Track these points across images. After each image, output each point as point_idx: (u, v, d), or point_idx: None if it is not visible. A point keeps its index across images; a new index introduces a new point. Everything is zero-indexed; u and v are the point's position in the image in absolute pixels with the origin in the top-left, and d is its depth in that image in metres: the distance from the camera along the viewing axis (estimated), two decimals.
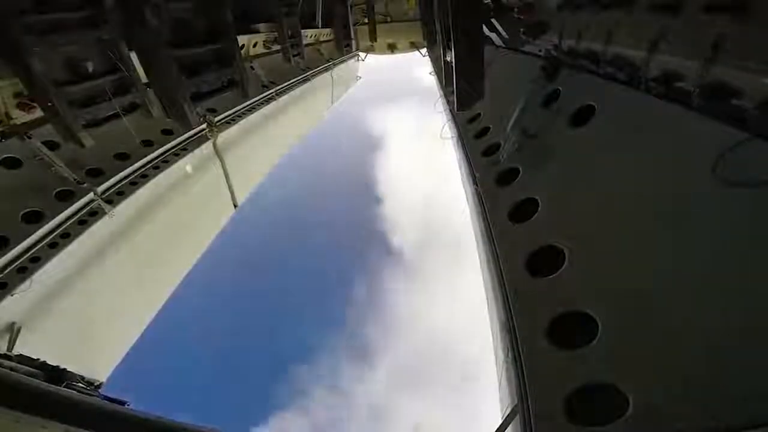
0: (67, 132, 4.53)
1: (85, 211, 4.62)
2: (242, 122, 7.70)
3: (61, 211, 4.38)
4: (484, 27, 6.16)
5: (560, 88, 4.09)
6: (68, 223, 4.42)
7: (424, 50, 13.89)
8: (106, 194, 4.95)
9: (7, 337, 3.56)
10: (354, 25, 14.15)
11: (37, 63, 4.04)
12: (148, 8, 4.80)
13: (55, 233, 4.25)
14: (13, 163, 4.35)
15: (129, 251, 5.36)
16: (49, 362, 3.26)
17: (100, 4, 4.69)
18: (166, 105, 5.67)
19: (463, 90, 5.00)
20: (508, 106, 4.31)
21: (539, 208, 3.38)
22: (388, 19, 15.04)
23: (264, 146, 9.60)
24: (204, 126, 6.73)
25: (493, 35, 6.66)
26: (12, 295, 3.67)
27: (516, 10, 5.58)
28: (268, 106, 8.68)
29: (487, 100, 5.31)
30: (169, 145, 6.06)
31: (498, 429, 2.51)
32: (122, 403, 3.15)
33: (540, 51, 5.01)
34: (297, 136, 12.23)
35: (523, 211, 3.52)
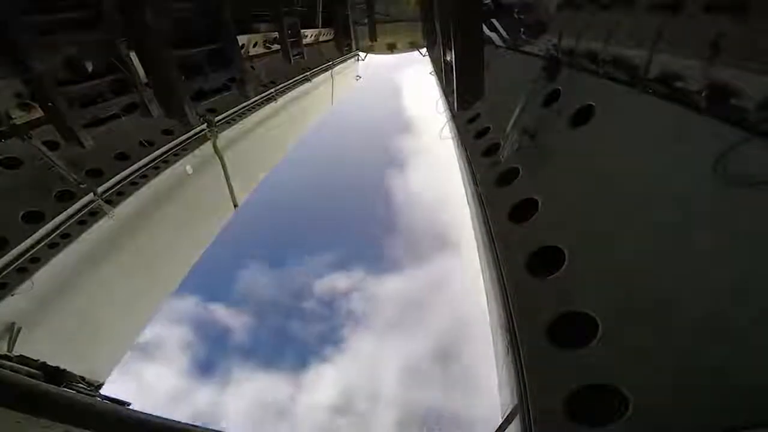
0: (67, 132, 4.53)
1: (85, 211, 4.62)
2: (242, 122, 7.70)
3: (61, 212, 4.38)
4: (484, 27, 6.16)
5: (560, 88, 4.09)
6: (68, 224, 4.42)
7: (424, 50, 13.89)
8: (106, 194, 4.95)
9: (7, 338, 3.56)
10: (354, 25, 14.14)
11: (37, 63, 4.04)
12: (148, 8, 4.80)
13: (55, 233, 4.25)
14: (13, 163, 4.35)
15: (129, 251, 5.36)
16: (49, 363, 3.26)
17: (100, 4, 4.69)
18: (166, 105, 5.68)
19: (463, 90, 5.00)
20: (508, 106, 4.31)
21: (539, 208, 3.38)
22: (388, 19, 15.03)
23: (264, 146, 9.60)
24: (204, 126, 6.73)
25: (493, 35, 6.65)
26: (12, 295, 3.67)
27: (516, 10, 5.58)
28: (268, 106, 8.68)
29: (487, 100, 5.31)
30: (169, 145, 6.06)
31: (498, 429, 2.51)
32: (123, 403, 3.15)
33: (540, 51, 5.01)
34: (297, 135, 12.23)
35: (523, 211, 3.52)
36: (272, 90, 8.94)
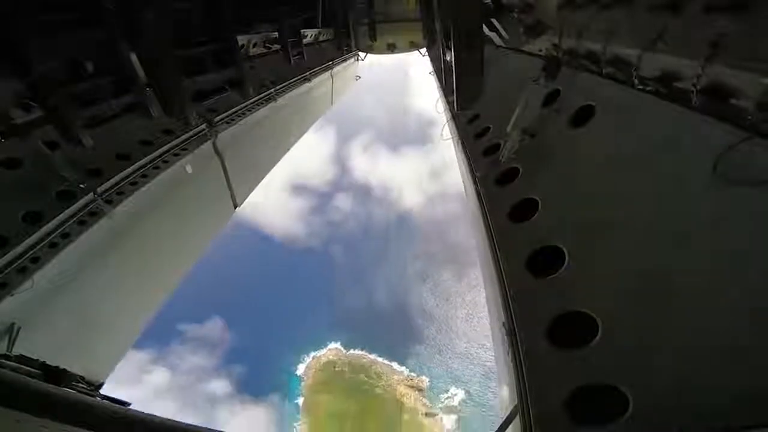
0: (67, 132, 4.53)
1: (85, 211, 4.61)
2: (242, 122, 7.69)
3: (61, 211, 4.37)
4: (484, 27, 6.16)
5: (560, 88, 4.09)
6: (68, 224, 4.41)
7: (424, 50, 13.89)
8: (106, 194, 4.94)
9: (7, 338, 3.56)
10: (354, 25, 14.15)
11: (37, 63, 4.04)
12: (148, 8, 4.81)
13: (55, 233, 4.24)
14: (13, 163, 4.35)
15: (129, 251, 5.36)
16: (49, 363, 3.26)
17: (100, 4, 4.69)
18: (166, 105, 5.68)
19: (463, 90, 5.01)
20: (508, 106, 4.31)
21: (539, 208, 3.38)
22: (389, 19, 15.03)
23: (264, 146, 9.60)
24: (204, 126, 6.73)
25: (493, 35, 6.65)
26: (12, 295, 3.66)
27: (516, 10, 5.58)
28: (268, 106, 8.67)
29: (487, 100, 5.31)
30: (169, 145, 6.05)
31: (498, 429, 2.51)
32: (123, 403, 3.15)
33: (540, 51, 5.02)
34: (297, 135, 12.22)
35: (523, 211, 3.52)
36: (272, 90, 8.93)
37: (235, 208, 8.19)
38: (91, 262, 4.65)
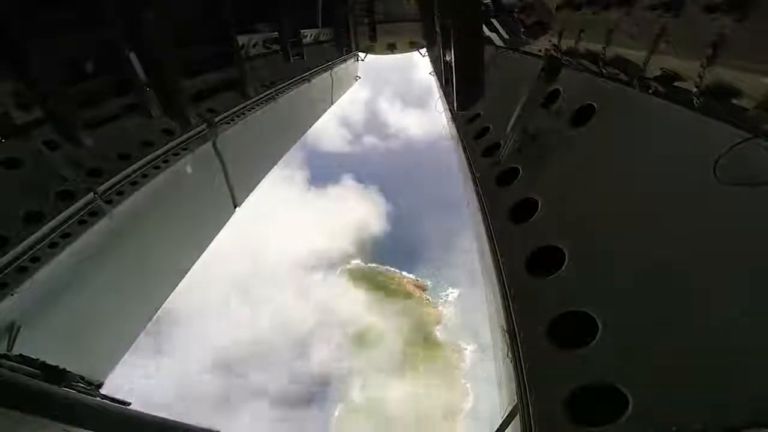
0: (67, 132, 4.53)
1: (85, 211, 4.62)
2: (242, 122, 7.69)
3: (61, 211, 4.37)
4: (484, 27, 6.17)
5: (560, 88, 4.09)
6: (68, 223, 4.41)
7: (424, 50, 13.90)
8: (106, 194, 4.94)
9: (7, 337, 3.56)
10: (354, 25, 14.15)
11: (37, 63, 4.03)
12: (148, 8, 4.80)
13: (55, 233, 4.25)
14: (13, 163, 4.35)
15: (129, 251, 5.36)
16: (49, 362, 3.25)
17: (100, 3, 4.68)
18: (166, 105, 5.67)
19: (462, 90, 5.01)
20: (508, 106, 4.31)
21: (539, 208, 3.38)
22: (389, 19, 15.02)
23: (264, 146, 9.61)
24: (204, 126, 6.73)
25: (493, 35, 6.66)
26: (12, 295, 3.66)
27: (516, 10, 5.58)
28: (268, 106, 8.68)
29: (487, 100, 5.31)
30: (169, 145, 6.05)
31: (498, 429, 2.52)
32: (123, 403, 3.16)
33: (540, 51, 5.02)
34: (297, 135, 12.23)
35: (523, 211, 3.52)
36: (272, 90, 8.93)
37: (235, 207, 8.19)
38: (91, 262, 4.66)
